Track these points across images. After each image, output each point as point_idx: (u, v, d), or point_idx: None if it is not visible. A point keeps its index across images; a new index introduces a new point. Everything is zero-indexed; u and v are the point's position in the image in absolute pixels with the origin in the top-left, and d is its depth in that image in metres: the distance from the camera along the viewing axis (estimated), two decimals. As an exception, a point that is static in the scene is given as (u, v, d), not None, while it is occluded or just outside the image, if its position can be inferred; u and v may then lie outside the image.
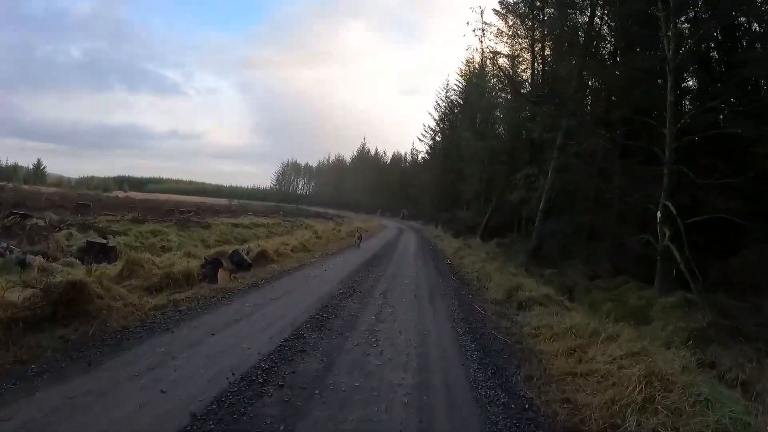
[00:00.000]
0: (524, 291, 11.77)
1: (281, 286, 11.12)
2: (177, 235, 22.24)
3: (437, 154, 58.04)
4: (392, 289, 11.78)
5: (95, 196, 60.24)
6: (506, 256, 24.58)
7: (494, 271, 15.97)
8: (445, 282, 14.10)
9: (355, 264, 16.10)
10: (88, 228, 19.61)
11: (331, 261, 16.79)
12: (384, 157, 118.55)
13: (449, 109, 55.50)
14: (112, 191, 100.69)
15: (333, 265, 15.64)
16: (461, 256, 21.48)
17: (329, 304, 9.28)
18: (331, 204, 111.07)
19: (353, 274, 13.60)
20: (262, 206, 77.58)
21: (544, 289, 12.90)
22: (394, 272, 14.85)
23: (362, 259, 17.66)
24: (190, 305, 8.58)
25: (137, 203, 44.86)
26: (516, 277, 14.83)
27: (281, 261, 15.14)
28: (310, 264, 15.52)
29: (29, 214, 21.23)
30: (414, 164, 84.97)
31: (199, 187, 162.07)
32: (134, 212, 28.82)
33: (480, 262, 18.80)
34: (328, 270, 14.31)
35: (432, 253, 24.14)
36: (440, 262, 19.64)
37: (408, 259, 19.73)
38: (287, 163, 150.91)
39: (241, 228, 29.18)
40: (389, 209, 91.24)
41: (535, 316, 9.65)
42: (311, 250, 19.23)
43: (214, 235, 24.93)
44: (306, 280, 12.21)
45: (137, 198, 65.80)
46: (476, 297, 12.06)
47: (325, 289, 10.92)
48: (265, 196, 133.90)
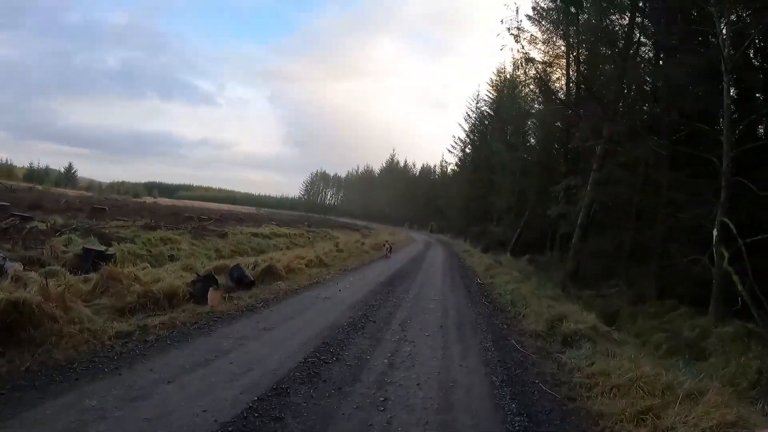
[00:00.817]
0: (569, 322, 9.96)
1: (281, 312, 9.41)
2: (189, 243, 20.81)
3: (467, 165, 56.54)
4: (414, 317, 10.01)
5: (122, 200, 59.90)
6: (540, 274, 22.72)
7: (530, 294, 14.21)
8: (476, 307, 12.30)
9: (374, 283, 14.38)
10: (92, 233, 18.30)
11: (348, 278, 15.09)
12: (413, 169, 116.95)
13: (479, 121, 53.88)
14: (142, 197, 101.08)
15: (349, 284, 13.93)
16: (492, 274, 19.62)
17: (332, 340, 7.48)
18: (359, 215, 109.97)
19: (370, 297, 11.85)
20: (289, 215, 76.35)
21: (589, 318, 11.06)
22: (418, 294, 13.07)
23: (383, 277, 15.94)
24: (161, 334, 6.98)
25: (159, 209, 43.58)
26: (556, 303, 13.04)
27: (291, 278, 13.50)
28: (324, 282, 13.85)
29: (30, 216, 19.94)
30: (443, 176, 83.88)
31: (229, 195, 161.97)
32: (150, 218, 27.41)
33: (513, 282, 16.99)
34: (343, 290, 12.58)
35: (460, 270, 22.32)
36: (470, 282, 17.84)
37: (434, 277, 17.94)
38: (316, 173, 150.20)
39: (260, 238, 27.65)
40: (417, 222, 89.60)
41: (586, 356, 7.86)
42: (329, 265, 17.55)
43: (230, 244, 23.48)
44: (313, 304, 10.49)
45: (164, 204, 65.02)
46: (512, 327, 10.29)
47: (332, 318, 9.17)
48: (293, 206, 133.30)
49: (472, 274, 20.43)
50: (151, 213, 34.97)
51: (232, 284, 11.30)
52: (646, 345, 13.05)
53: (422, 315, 10.30)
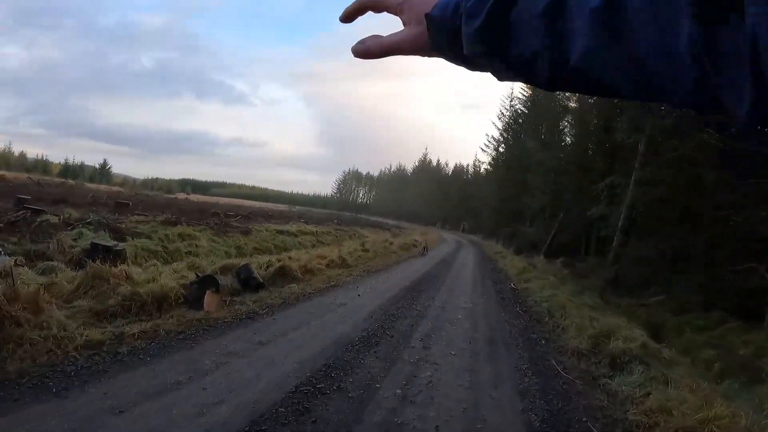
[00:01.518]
0: (616, 339, 8.62)
1: (285, 321, 8.17)
2: (209, 240, 19.84)
3: (500, 165, 54.73)
4: (438, 330, 8.68)
5: (153, 196, 59.41)
6: (576, 280, 21.24)
7: (569, 303, 12.91)
8: (509, 317, 10.93)
9: (398, 287, 13.09)
10: (107, 228, 17.41)
11: (370, 282, 13.80)
12: (445, 168, 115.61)
13: (513, 119, 52.10)
14: (175, 193, 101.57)
15: (370, 288, 12.62)
16: (526, 278, 18.20)
17: (337, 361, 6.19)
18: (390, 214, 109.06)
19: (391, 304, 10.52)
20: (320, 214, 75.43)
21: (637, 333, 9.69)
22: (446, 302, 11.72)
23: (409, 280, 14.64)
24: (137, 346, 5.82)
25: (188, 205, 42.66)
26: (597, 315, 11.76)
27: (308, 279, 12.30)
28: (343, 285, 12.57)
29: (42, 209, 19.07)
30: (476, 176, 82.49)
31: (262, 192, 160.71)
32: (173, 213, 26.44)
33: (549, 288, 15.61)
34: (362, 295, 11.28)
35: (492, 273, 20.89)
36: (502, 287, 16.46)
37: (465, 281, 16.55)
38: (348, 172, 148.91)
39: (285, 235, 26.56)
40: (449, 222, 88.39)
41: (639, 383, 6.65)
42: (351, 265, 16.34)
43: (253, 242, 22.47)
44: (324, 311, 9.20)
45: (195, 200, 64.43)
46: (551, 344, 8.98)
47: (343, 330, 7.89)
48: (326, 204, 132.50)
49: (505, 278, 19.05)
50: (178, 209, 34.12)
51: (239, 286, 10.19)
52: (696, 363, 11.64)
53: (448, 327, 8.99)
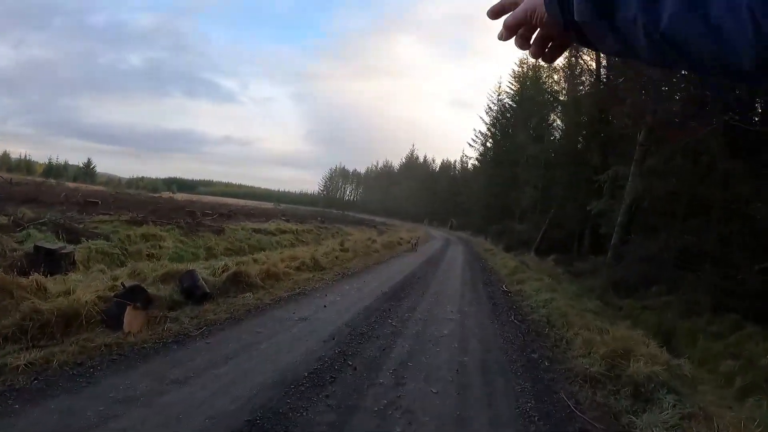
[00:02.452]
0: (636, 360, 6.84)
1: (221, 345, 6.31)
2: (176, 240, 18.03)
3: (488, 160, 53.32)
4: (418, 353, 6.84)
5: (135, 195, 57.23)
6: (572, 280, 19.51)
7: (569, 309, 11.14)
8: (504, 330, 9.10)
9: (374, 294, 11.20)
10: (63, 228, 15.59)
11: (343, 287, 11.90)
12: (433, 165, 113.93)
13: (501, 114, 50.87)
14: (160, 192, 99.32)
15: (342, 295, 10.72)
16: (519, 279, 16.36)
17: (268, 415, 4.24)
18: (377, 211, 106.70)
19: (363, 317, 8.66)
20: (306, 211, 73.37)
21: (654, 349, 7.94)
22: (429, 312, 9.85)
23: (389, 285, 12.77)
24: (14, 384, 4.26)
25: (167, 203, 40.58)
26: (606, 324, 9.93)
27: (269, 286, 10.42)
28: (310, 292, 10.68)
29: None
30: (464, 172, 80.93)
31: (249, 191, 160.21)
32: (141, 212, 24.47)
33: (545, 290, 13.84)
34: (329, 306, 9.38)
35: (482, 273, 19.06)
36: (494, 289, 14.62)
37: (452, 285, 14.63)
38: (335, 169, 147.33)
39: (262, 234, 24.69)
40: (437, 218, 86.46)
41: (674, 426, 5.06)
42: (325, 268, 14.47)
43: (226, 242, 20.62)
44: (276, 331, 7.29)
45: (179, 199, 62.42)
46: (557, 365, 7.17)
47: (293, 358, 6.02)
48: (313, 202, 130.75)
49: (496, 280, 17.22)
50: (154, 207, 32.01)
51: (181, 297, 8.36)
52: (714, 375, 9.94)
53: (431, 349, 7.12)
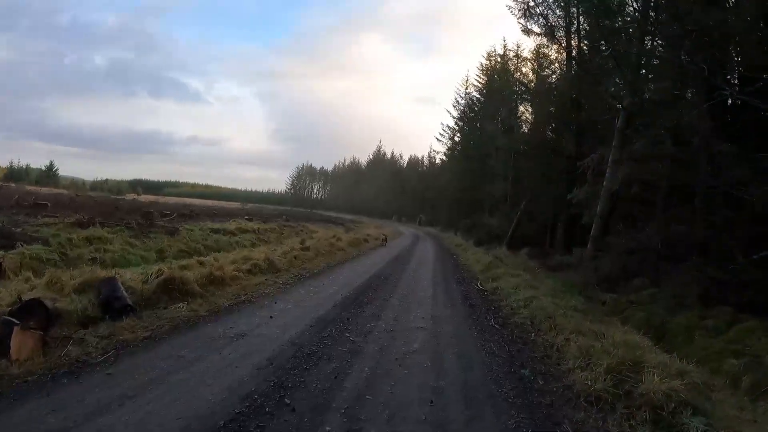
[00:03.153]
0: (650, 374, 5.47)
1: (125, 377, 4.84)
2: (124, 243, 16.43)
3: (456, 155, 52.07)
4: (380, 380, 5.33)
5: (97, 197, 54.95)
6: (548, 273, 18.23)
7: (554, 308, 9.79)
8: (486, 338, 7.64)
9: (334, 299, 9.65)
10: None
11: (298, 292, 10.30)
12: (400, 161, 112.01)
13: (469, 107, 49.49)
14: (125, 194, 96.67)
15: (294, 302, 9.10)
16: (494, 276, 14.93)
17: None
18: (346, 209, 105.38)
19: (315, 331, 7.09)
20: (273, 210, 71.47)
21: (667, 358, 6.63)
22: (396, 320, 8.32)
23: (351, 288, 11.23)
24: None
25: (126, 205, 38.60)
26: (599, 327, 8.58)
27: (211, 293, 8.83)
28: (257, 300, 9.09)
29: None
30: (431, 167, 79.64)
31: (215, 191, 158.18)
32: (90, 213, 22.57)
33: (525, 287, 12.49)
34: (276, 317, 7.76)
35: (455, 270, 17.64)
36: (468, 288, 13.15)
37: (422, 285, 13.04)
38: (302, 167, 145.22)
39: (221, 234, 23.00)
40: (406, 214, 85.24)
41: None
42: (282, 269, 12.87)
43: (180, 243, 18.97)
44: (202, 353, 5.70)
45: (145, 200, 60.52)
46: (552, 382, 5.82)
47: (212, 396, 4.46)
48: (281, 201, 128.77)
49: (470, 277, 15.75)
50: (110, 209, 30.08)
51: (97, 311, 6.80)
52: (718, 375, 8.62)
53: (398, 373, 5.60)
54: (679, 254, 15.47)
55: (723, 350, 10.35)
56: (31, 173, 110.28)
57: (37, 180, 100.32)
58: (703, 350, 10.48)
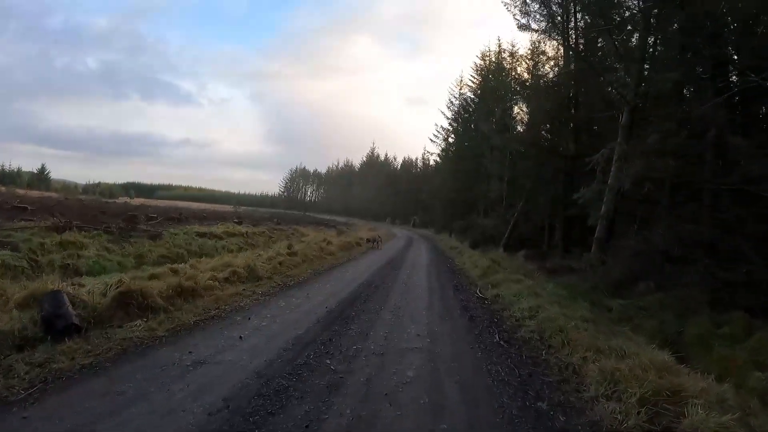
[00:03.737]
0: (692, 406, 4.55)
1: (40, 426, 3.70)
2: (101, 249, 15.26)
3: (450, 156, 51.01)
4: (366, 424, 4.25)
5: (87, 200, 54.06)
6: (549, 277, 17.14)
7: (563, 320, 8.71)
8: (491, 359, 6.55)
9: (317, 313, 8.54)
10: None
11: (277, 304, 9.17)
12: (394, 162, 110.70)
13: (463, 108, 48.64)
14: (117, 197, 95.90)
15: (271, 318, 7.96)
16: (494, 282, 13.82)
17: None
18: (339, 211, 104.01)
19: (289, 356, 5.97)
20: (265, 213, 70.16)
21: (708, 384, 5.58)
22: (387, 338, 7.23)
23: (338, 299, 10.13)
24: None
25: (112, 208, 37.50)
26: (619, 342, 7.47)
27: (178, 307, 7.77)
28: (229, 315, 7.97)
29: None
30: (425, 169, 78.62)
31: (208, 194, 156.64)
32: (67, 217, 21.40)
33: (528, 294, 11.44)
34: (249, 336, 6.64)
35: (451, 275, 16.53)
36: (467, 296, 12.01)
37: (417, 292, 11.97)
38: (295, 170, 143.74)
39: (207, 238, 21.87)
40: (399, 216, 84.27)
41: None
42: (263, 277, 11.74)
43: (162, 248, 17.86)
44: (147, 391, 4.56)
45: (136, 203, 60.42)
46: (575, 417, 4.82)
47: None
48: (273, 203, 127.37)
49: (468, 283, 14.68)
50: (95, 212, 28.84)
51: (38, 331, 5.77)
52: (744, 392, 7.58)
53: (388, 415, 4.45)
54: (685, 255, 14.49)
55: (743, 361, 9.37)
56: (22, 176, 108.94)
57: (28, 183, 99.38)
58: (722, 362, 9.47)
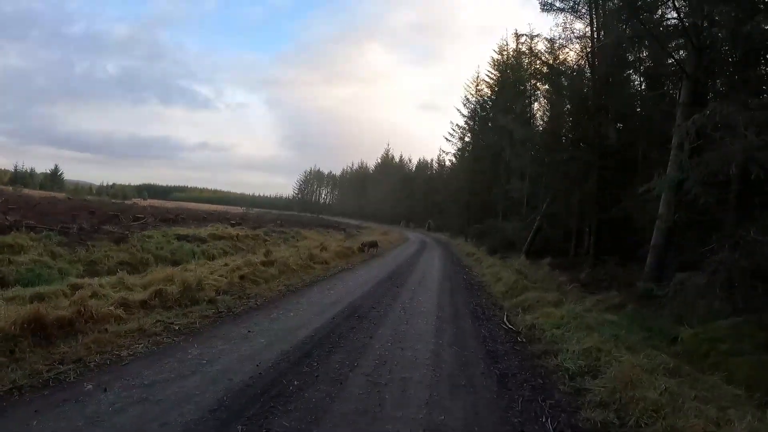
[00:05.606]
0: None
1: None
2: (45, 253, 12.60)
3: (466, 156, 47.71)
4: None
5: (93, 201, 51.35)
6: (580, 292, 13.45)
7: (643, 375, 5.43)
8: None
9: (242, 376, 5.03)
10: None
11: (171, 360, 5.46)
12: (409, 164, 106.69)
13: (480, 105, 45.04)
14: (131, 198, 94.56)
15: (134, 400, 4.34)
16: (525, 303, 10.24)
17: None
18: (353, 214, 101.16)
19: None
20: (277, 215, 67.22)
21: None
22: (377, 407, 3.83)
23: (290, 343, 6.47)
24: None
25: (110, 207, 34.52)
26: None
27: (20, 354, 4.37)
28: (79, 380, 4.49)
29: None
30: (441, 170, 74.85)
31: (223, 196, 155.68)
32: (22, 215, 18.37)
33: (576, 325, 8.09)
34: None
35: (468, 293, 12.88)
36: (492, 329, 8.39)
37: (420, 326, 8.21)
38: (309, 172, 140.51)
39: (187, 242, 18.63)
40: (414, 220, 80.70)
41: None
42: (200, 301, 8.07)
43: (125, 252, 14.92)
44: None
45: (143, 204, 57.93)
46: None
47: None
48: (288, 206, 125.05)
49: (491, 304, 11.00)
50: (86, 212, 25.79)
51: None
52: None
53: None
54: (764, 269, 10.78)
55: None
56: (35, 177, 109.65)
57: (41, 184, 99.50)
58: None
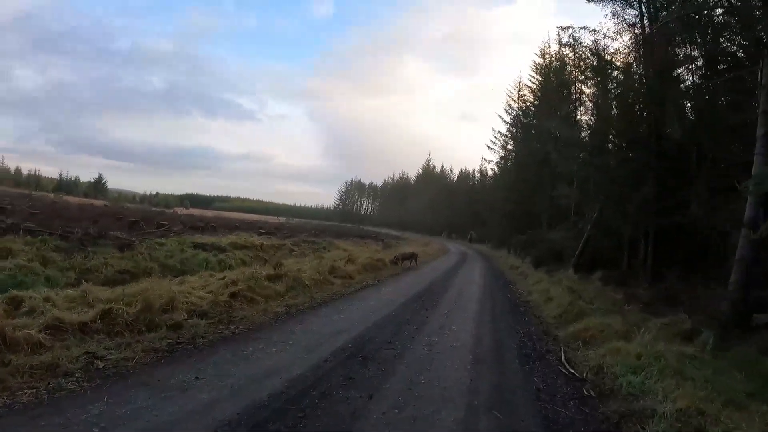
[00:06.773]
0: None
1: None
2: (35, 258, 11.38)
3: (509, 165, 45.72)
4: None
5: (132, 209, 52.11)
6: (641, 313, 11.12)
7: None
8: None
9: None
10: None
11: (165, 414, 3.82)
12: (450, 175, 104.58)
13: (523, 112, 42.88)
14: (173, 207, 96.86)
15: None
16: (585, 332, 8.08)
17: None
18: (394, 224, 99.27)
19: None
20: (318, 225, 66.09)
21: None
22: None
23: (277, 385, 4.72)
24: None
25: (131, 213, 33.89)
26: None
27: None
28: None
29: None
30: (483, 180, 72.49)
31: (264, 206, 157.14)
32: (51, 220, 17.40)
33: (660, 368, 5.98)
34: None
35: (513, 317, 10.63)
36: (545, 372, 6.24)
37: (455, 356, 6.26)
38: (351, 182, 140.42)
39: (202, 250, 16.96)
40: (456, 230, 78.35)
41: None
42: (161, 326, 6.29)
43: (128, 260, 13.36)
44: None
45: (182, 213, 59.37)
46: None
47: None
48: (328, 216, 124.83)
49: (542, 333, 8.82)
50: (112, 218, 24.85)
51: None
52: None
53: None
54: None
55: None
56: (80, 185, 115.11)
57: (85, 192, 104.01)
58: None
